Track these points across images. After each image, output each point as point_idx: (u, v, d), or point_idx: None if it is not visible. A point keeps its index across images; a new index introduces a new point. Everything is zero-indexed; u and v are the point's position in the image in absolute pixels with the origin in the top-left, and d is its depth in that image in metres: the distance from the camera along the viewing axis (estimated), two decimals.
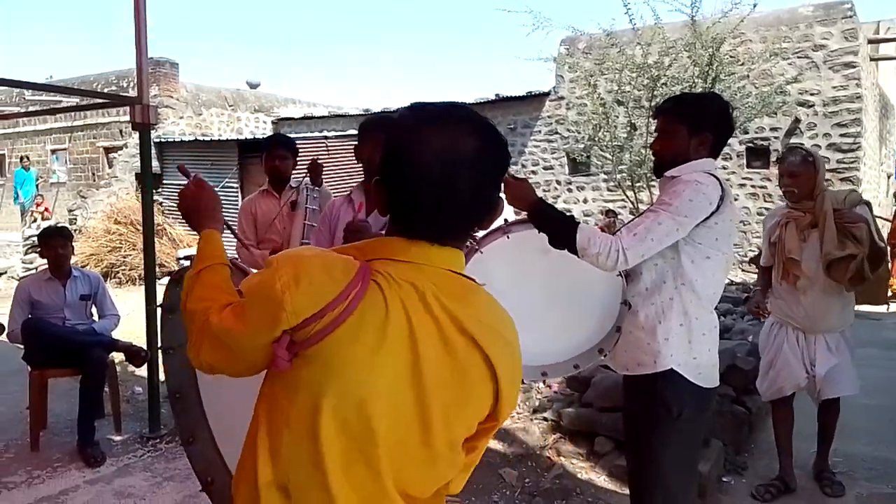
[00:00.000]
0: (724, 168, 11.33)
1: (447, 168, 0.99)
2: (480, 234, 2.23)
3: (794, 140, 10.97)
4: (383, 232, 1.09)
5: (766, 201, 11.15)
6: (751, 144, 11.23)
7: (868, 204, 3.30)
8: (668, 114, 2.23)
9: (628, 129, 9.52)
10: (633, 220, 2.15)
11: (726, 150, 10.88)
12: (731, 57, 9.31)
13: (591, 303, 2.33)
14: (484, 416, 1.06)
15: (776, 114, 10.50)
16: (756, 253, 3.73)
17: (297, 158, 3.90)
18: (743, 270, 10.57)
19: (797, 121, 11.01)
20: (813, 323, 3.23)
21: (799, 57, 10.97)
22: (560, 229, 2.04)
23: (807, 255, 3.15)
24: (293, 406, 0.97)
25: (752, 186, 11.37)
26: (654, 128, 2.31)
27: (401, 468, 0.99)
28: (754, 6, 8.67)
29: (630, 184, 9.40)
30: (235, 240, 3.11)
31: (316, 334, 0.94)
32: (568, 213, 2.15)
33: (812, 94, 10.93)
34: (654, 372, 2.12)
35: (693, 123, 2.15)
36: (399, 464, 0.99)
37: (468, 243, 2.24)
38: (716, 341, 2.19)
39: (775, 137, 11.08)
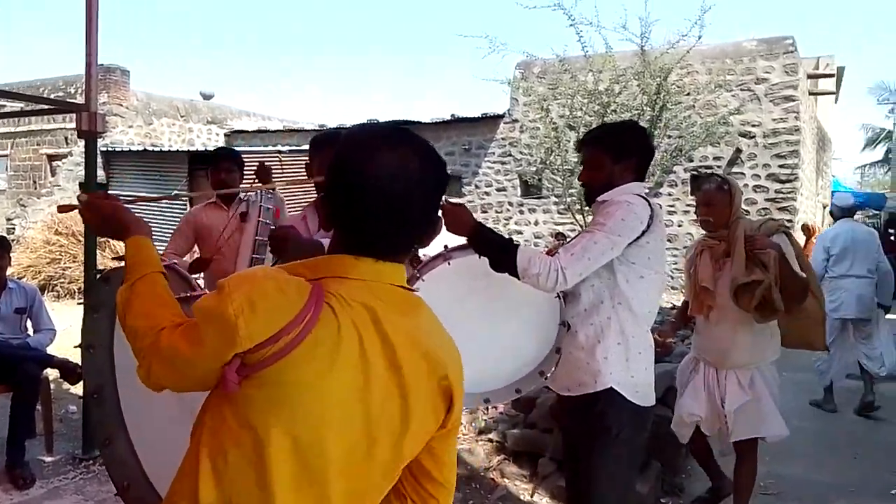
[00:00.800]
0: (669, 195, 11.68)
1: (400, 183, 1.02)
2: (422, 259, 2.24)
3: (735, 170, 11.38)
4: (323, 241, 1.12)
5: None
6: (695, 172, 11.61)
7: (788, 234, 3.16)
8: (591, 145, 2.33)
9: (578, 153, 9.71)
10: (569, 240, 2.20)
11: (672, 177, 11.26)
12: (677, 87, 9.65)
13: (530, 325, 2.36)
14: (435, 427, 1.09)
15: (719, 143, 10.92)
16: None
17: (245, 171, 3.87)
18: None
19: (738, 151, 11.44)
20: (723, 357, 3.12)
21: (742, 89, 11.42)
22: (500, 253, 2.08)
23: (720, 284, 3.05)
24: (242, 427, 0.96)
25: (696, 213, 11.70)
26: (579, 159, 2.41)
27: (347, 484, 1.00)
28: (699, 38, 9.02)
29: (579, 207, 9.58)
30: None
31: (270, 357, 0.94)
32: (507, 237, 2.19)
33: (753, 126, 11.38)
34: (594, 391, 2.16)
35: (616, 151, 2.25)
36: (346, 480, 1.00)
37: (410, 270, 2.24)
38: (651, 360, 2.25)
39: (718, 166, 11.47)
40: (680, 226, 11.56)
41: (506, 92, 12.41)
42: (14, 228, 12.81)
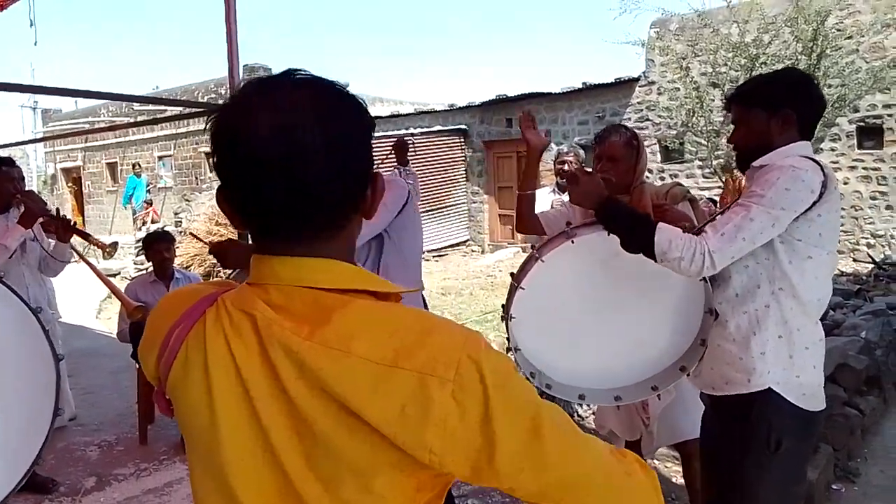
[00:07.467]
0: (832, 150, 10.61)
1: (267, 133, 0.73)
2: (544, 238, 2.09)
3: None
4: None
5: (879, 184, 10.35)
6: (862, 123, 10.44)
7: (693, 200, 2.60)
8: (739, 100, 1.95)
9: (724, 112, 9.08)
10: (719, 215, 1.88)
11: (834, 130, 10.23)
12: (837, 30, 8.72)
13: (668, 312, 2.10)
14: (392, 469, 0.73)
15: (889, 89, 9.74)
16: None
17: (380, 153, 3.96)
18: (854, 260, 9.85)
19: None
20: None
21: None
22: (634, 231, 1.83)
23: None
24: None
25: (865, 168, 10.56)
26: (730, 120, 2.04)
27: None
28: None
29: (728, 169, 8.98)
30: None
31: (164, 381, 0.85)
32: (643, 212, 1.94)
33: None
34: (747, 392, 1.85)
35: (767, 103, 1.87)
36: None
37: (531, 251, 2.06)
38: (821, 357, 1.91)
39: (889, 115, 10.24)
40: (846, 183, 10.45)
41: (639, 54, 11.82)
42: (181, 221, 14.04)
